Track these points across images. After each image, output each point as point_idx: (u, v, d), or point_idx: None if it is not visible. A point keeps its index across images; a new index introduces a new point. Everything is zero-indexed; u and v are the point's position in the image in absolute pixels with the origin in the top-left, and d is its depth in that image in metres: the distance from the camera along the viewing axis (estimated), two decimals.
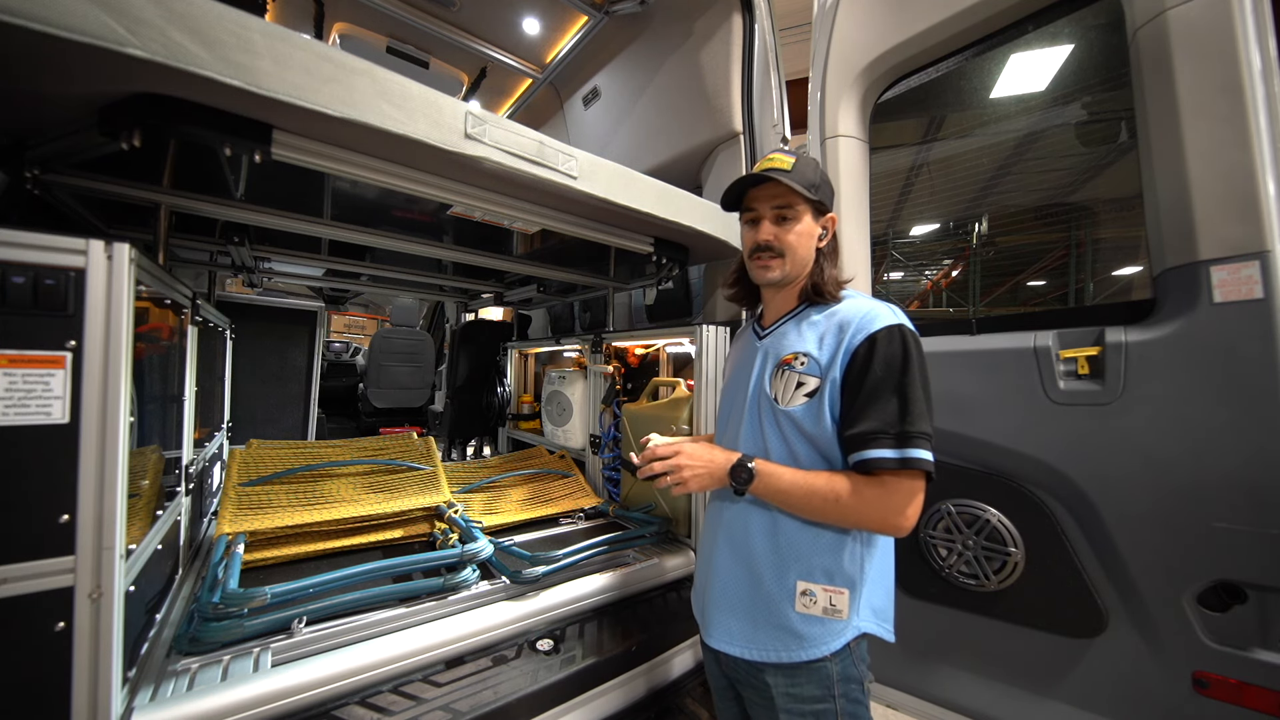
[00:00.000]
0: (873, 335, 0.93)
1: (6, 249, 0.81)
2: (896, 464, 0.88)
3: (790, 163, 1.03)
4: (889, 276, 2.91)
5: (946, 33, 1.50)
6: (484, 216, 1.64)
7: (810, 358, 0.99)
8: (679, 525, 2.13)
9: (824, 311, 1.04)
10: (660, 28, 2.40)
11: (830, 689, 0.97)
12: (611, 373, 2.71)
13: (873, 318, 0.96)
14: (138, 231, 1.96)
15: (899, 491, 0.89)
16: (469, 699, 1.23)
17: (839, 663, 0.97)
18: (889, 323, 0.94)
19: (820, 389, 0.96)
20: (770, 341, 1.09)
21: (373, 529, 1.87)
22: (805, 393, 0.98)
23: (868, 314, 0.97)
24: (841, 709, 0.97)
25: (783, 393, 1.01)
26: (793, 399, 0.99)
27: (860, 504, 0.90)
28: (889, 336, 0.93)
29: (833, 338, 0.98)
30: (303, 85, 1.02)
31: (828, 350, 0.98)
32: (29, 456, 0.81)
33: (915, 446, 0.88)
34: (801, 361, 1.00)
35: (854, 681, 0.99)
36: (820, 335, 1.01)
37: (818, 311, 1.05)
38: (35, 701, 0.82)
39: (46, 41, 0.80)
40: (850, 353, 0.95)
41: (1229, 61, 1.05)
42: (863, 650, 1.02)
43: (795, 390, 0.99)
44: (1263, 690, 1.03)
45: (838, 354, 0.96)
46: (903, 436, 0.88)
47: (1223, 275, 1.05)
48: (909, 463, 0.87)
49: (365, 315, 11.36)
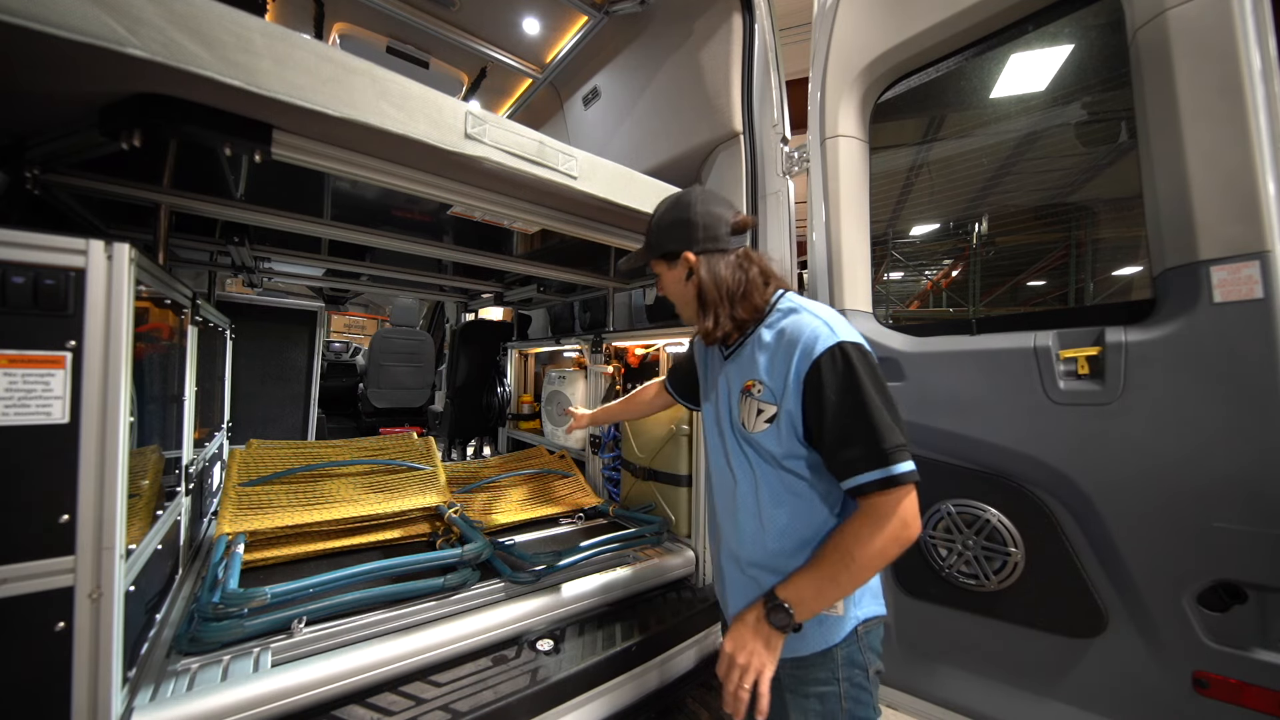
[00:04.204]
0: (816, 362, 0.93)
1: (6, 249, 0.81)
2: (884, 484, 0.88)
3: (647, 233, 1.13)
4: (889, 276, 2.92)
5: (946, 33, 1.50)
6: (484, 216, 1.64)
7: (764, 385, 1.01)
8: (679, 525, 2.13)
9: (773, 328, 1.04)
10: (660, 28, 2.40)
11: (835, 673, 0.99)
12: (611, 373, 2.71)
13: (814, 340, 0.95)
14: (138, 231, 1.96)
15: (894, 509, 0.89)
16: (469, 699, 1.23)
17: (844, 648, 1.00)
18: (829, 344, 0.93)
19: (778, 416, 0.98)
20: (732, 365, 1.11)
21: (373, 529, 1.87)
22: (765, 419, 1.00)
23: (809, 336, 0.96)
24: (845, 692, 0.98)
25: (748, 418, 1.03)
26: (756, 424, 1.01)
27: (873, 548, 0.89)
28: (831, 360, 0.92)
29: (781, 363, 0.99)
30: (303, 85, 1.02)
31: (779, 377, 0.99)
32: (29, 456, 0.81)
33: (895, 463, 0.88)
34: (758, 389, 1.02)
35: (859, 667, 1.00)
36: (770, 358, 1.01)
37: (767, 328, 1.05)
38: (35, 701, 0.82)
39: (47, 41, 0.80)
40: (801, 383, 0.95)
41: (1229, 62, 1.04)
42: (871, 639, 1.03)
43: (757, 417, 1.01)
44: (1263, 690, 1.02)
45: (788, 382, 0.97)
46: (880, 456, 0.88)
47: (1223, 275, 1.05)
48: (894, 480, 0.88)
49: (365, 315, 11.35)
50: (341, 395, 4.99)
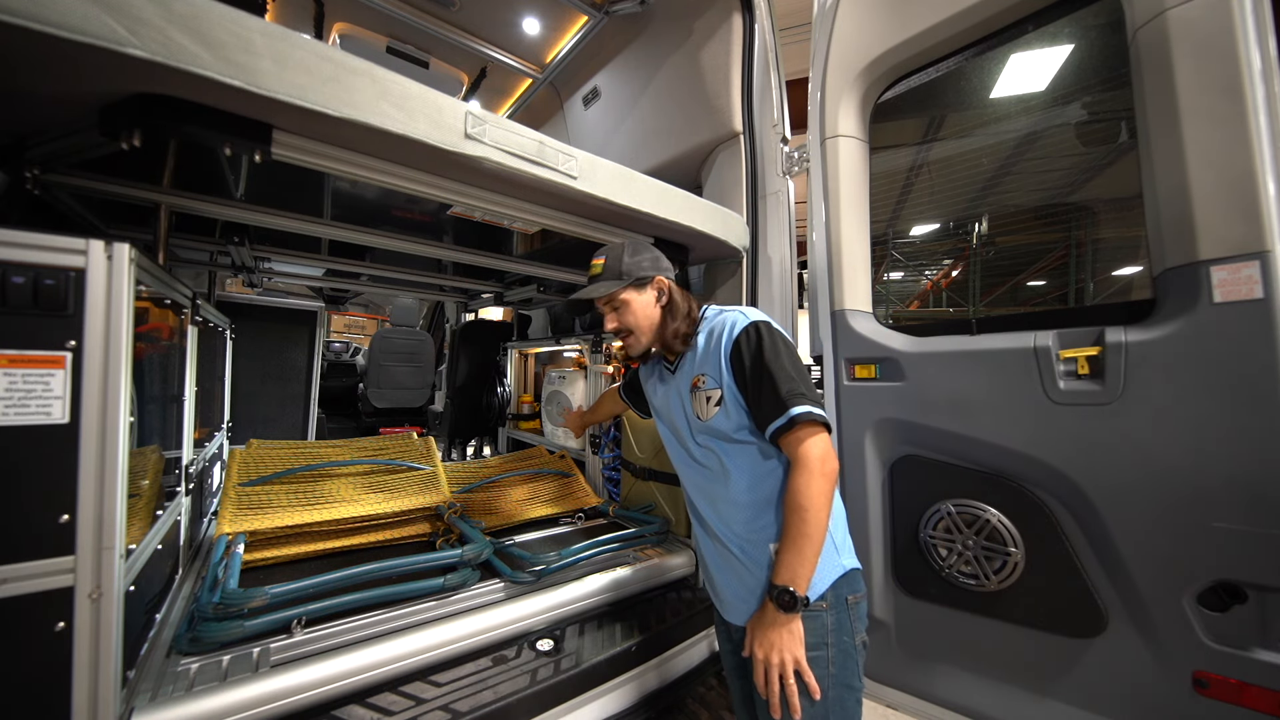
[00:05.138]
0: (735, 340, 1.14)
1: (6, 249, 0.81)
2: (788, 425, 1.04)
3: (600, 265, 1.27)
4: (889, 276, 2.92)
5: (946, 33, 1.50)
6: (484, 216, 1.64)
7: (707, 375, 1.19)
8: (679, 525, 2.13)
9: (704, 332, 1.25)
10: (660, 28, 2.40)
11: (824, 638, 1.06)
12: (611, 373, 2.71)
13: (733, 325, 1.17)
14: (138, 231, 1.96)
15: (806, 448, 1.03)
16: (469, 699, 1.23)
17: (834, 614, 1.07)
18: (744, 324, 1.15)
19: (723, 396, 1.15)
20: (679, 376, 1.29)
21: (372, 529, 1.87)
22: (714, 403, 1.17)
23: (730, 323, 1.18)
24: (832, 658, 1.05)
25: (702, 410, 1.19)
26: (709, 411, 1.17)
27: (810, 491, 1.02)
28: (746, 336, 1.14)
29: (714, 353, 1.19)
30: (303, 85, 1.02)
31: (714, 363, 1.18)
32: (29, 456, 0.81)
33: (796, 405, 1.04)
34: (703, 380, 1.20)
35: (847, 635, 1.08)
36: (705, 353, 1.21)
37: (700, 335, 1.25)
38: (35, 701, 0.82)
39: (47, 41, 0.80)
40: (729, 359, 1.15)
41: (1229, 62, 1.04)
42: (859, 610, 1.11)
43: (708, 404, 1.18)
44: (1263, 690, 1.02)
45: (721, 363, 1.16)
46: (780, 404, 1.05)
47: (1223, 275, 1.05)
48: (796, 420, 1.03)
49: (365, 315, 11.35)
50: (341, 395, 4.99)
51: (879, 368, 1.57)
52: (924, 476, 1.50)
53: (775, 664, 1.02)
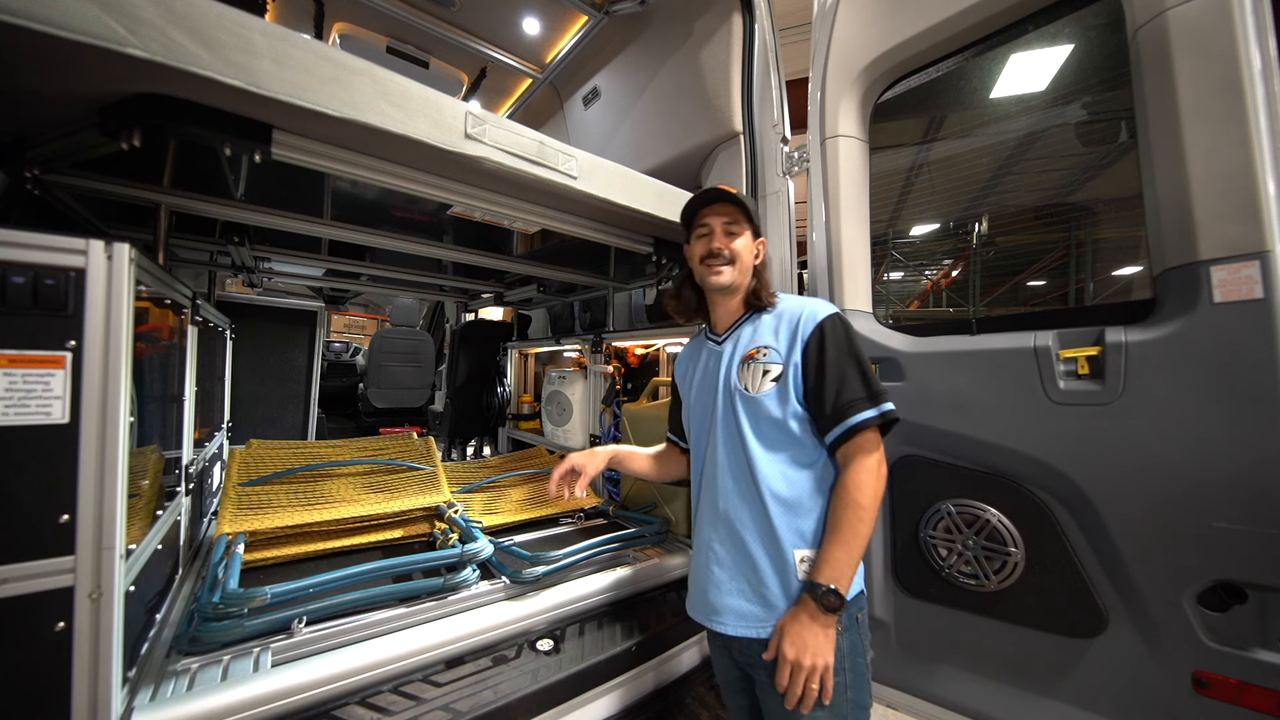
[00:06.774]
0: (820, 324, 1.13)
1: (6, 249, 0.81)
2: (878, 419, 1.05)
3: (735, 191, 1.23)
4: (889, 276, 2.92)
5: (946, 33, 1.50)
6: (484, 216, 1.64)
7: (771, 349, 1.16)
8: (679, 525, 2.13)
9: (771, 313, 1.23)
10: (660, 28, 2.40)
11: (842, 662, 1.03)
12: (611, 373, 2.71)
13: (816, 310, 1.16)
14: (138, 231, 1.96)
15: (878, 445, 1.06)
16: (469, 699, 1.23)
17: (848, 636, 1.05)
18: (829, 312, 1.15)
19: (784, 373, 1.13)
20: (728, 345, 1.25)
21: (373, 529, 1.87)
22: (772, 379, 1.14)
23: (812, 308, 1.17)
24: (850, 682, 1.04)
25: (752, 382, 1.16)
26: (761, 385, 1.14)
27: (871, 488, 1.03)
28: (832, 323, 1.13)
29: (787, 330, 1.16)
30: (303, 85, 1.02)
31: (785, 340, 1.16)
32: (29, 456, 0.81)
33: (885, 401, 1.07)
34: (764, 353, 1.17)
35: (861, 655, 1.07)
36: (775, 330, 1.19)
37: (766, 314, 1.24)
38: (35, 701, 0.82)
39: (47, 41, 0.80)
40: (805, 340, 1.13)
41: (1229, 62, 1.04)
42: (866, 625, 1.12)
43: (763, 378, 1.15)
44: (1263, 690, 1.02)
45: (795, 343, 1.14)
46: (875, 397, 1.07)
47: (1223, 275, 1.05)
48: (886, 415, 1.05)
49: (365, 315, 11.35)
50: (341, 395, 4.99)
51: (879, 368, 1.57)
52: (924, 476, 1.50)
53: (807, 666, 0.98)
